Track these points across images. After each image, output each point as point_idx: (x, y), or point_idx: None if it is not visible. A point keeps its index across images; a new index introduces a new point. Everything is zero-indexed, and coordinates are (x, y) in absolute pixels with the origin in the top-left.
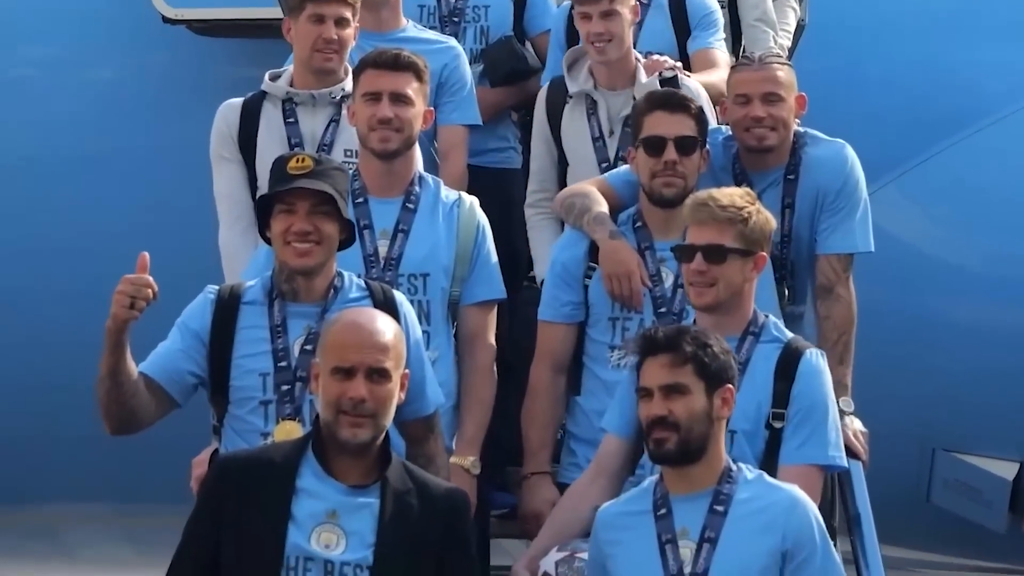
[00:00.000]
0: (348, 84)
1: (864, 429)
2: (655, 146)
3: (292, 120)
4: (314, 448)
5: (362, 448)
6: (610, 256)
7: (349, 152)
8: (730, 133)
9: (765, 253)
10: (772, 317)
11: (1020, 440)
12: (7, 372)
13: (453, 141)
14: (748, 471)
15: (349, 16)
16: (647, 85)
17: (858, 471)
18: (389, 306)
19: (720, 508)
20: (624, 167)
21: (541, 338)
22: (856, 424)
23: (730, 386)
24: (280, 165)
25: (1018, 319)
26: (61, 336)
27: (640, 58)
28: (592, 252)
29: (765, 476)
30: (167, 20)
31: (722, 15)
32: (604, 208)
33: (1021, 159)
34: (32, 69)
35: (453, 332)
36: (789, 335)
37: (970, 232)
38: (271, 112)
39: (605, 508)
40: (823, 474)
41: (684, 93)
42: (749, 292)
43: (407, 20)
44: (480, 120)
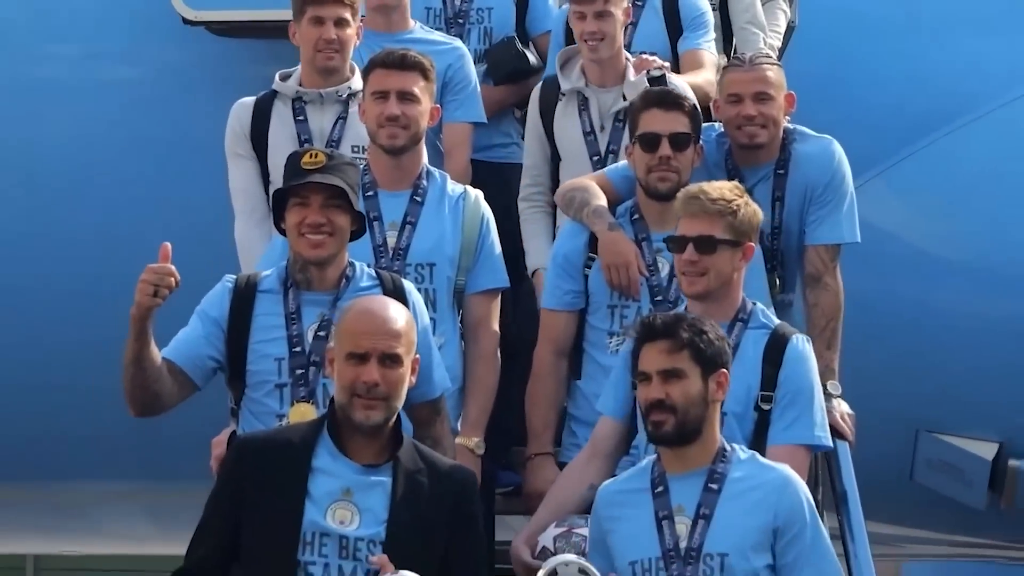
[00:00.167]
0: (354, 82)
1: (850, 411)
2: (650, 142)
3: (302, 118)
4: (329, 429)
5: (375, 429)
6: (609, 247)
7: (356, 148)
8: (723, 130)
9: (753, 244)
10: (760, 304)
11: (999, 422)
12: (38, 360)
13: (457, 138)
14: (741, 451)
15: (348, 17)
16: (635, 83)
17: (845, 451)
18: (398, 294)
19: (714, 486)
20: (622, 163)
21: (543, 325)
22: (843, 407)
23: (725, 371)
24: (294, 160)
25: (999, 306)
26: (91, 324)
27: (630, 57)
28: (592, 243)
29: (758, 456)
30: (187, 22)
31: (713, 17)
32: (603, 201)
33: (1001, 153)
34: (58, 68)
35: (459, 319)
36: (776, 322)
37: (952, 223)
38: (282, 110)
39: (605, 486)
40: (809, 453)
41: (678, 92)
42: (738, 281)
43: (415, 22)
44: (484, 118)
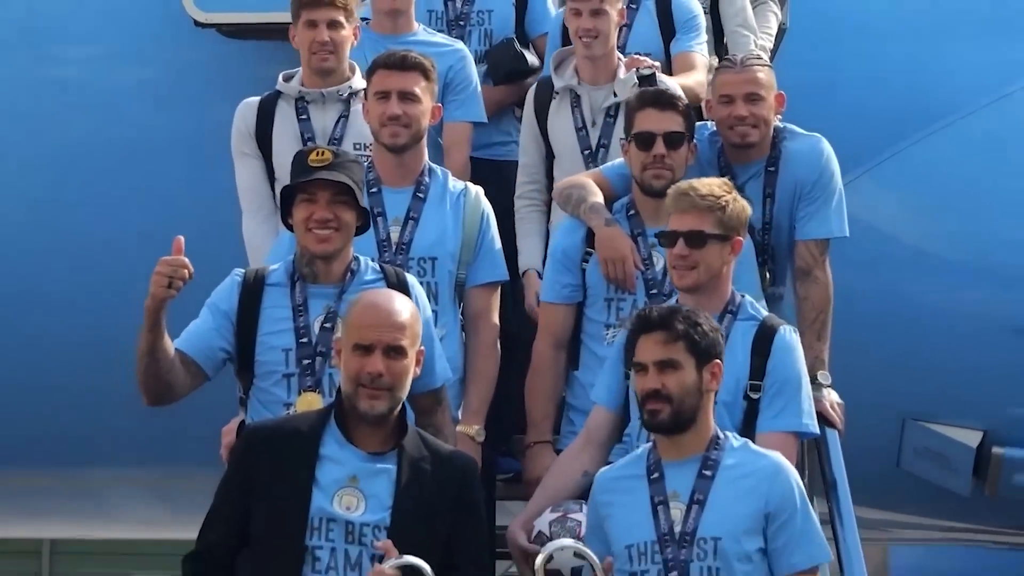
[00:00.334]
0: (355, 82)
1: (840, 400)
2: (645, 141)
3: (304, 117)
4: (336, 418)
5: (380, 418)
6: (605, 242)
7: (358, 145)
8: (715, 129)
9: (742, 238)
10: (748, 297)
11: (983, 411)
12: (59, 344)
13: (458, 136)
14: (734, 439)
15: (341, 19)
16: (625, 80)
17: (834, 439)
18: (402, 287)
19: (708, 473)
20: (618, 160)
21: (543, 317)
22: (832, 396)
23: (718, 361)
24: (301, 158)
25: (981, 298)
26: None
27: (622, 57)
28: (589, 238)
29: (750, 444)
30: (198, 24)
31: (705, 20)
32: (599, 198)
33: (982, 152)
34: (76, 68)
35: (459, 312)
36: (764, 313)
37: (937, 218)
38: (285, 110)
39: (602, 473)
40: (797, 441)
41: (673, 92)
42: (727, 274)
43: (419, 24)
44: (485, 118)
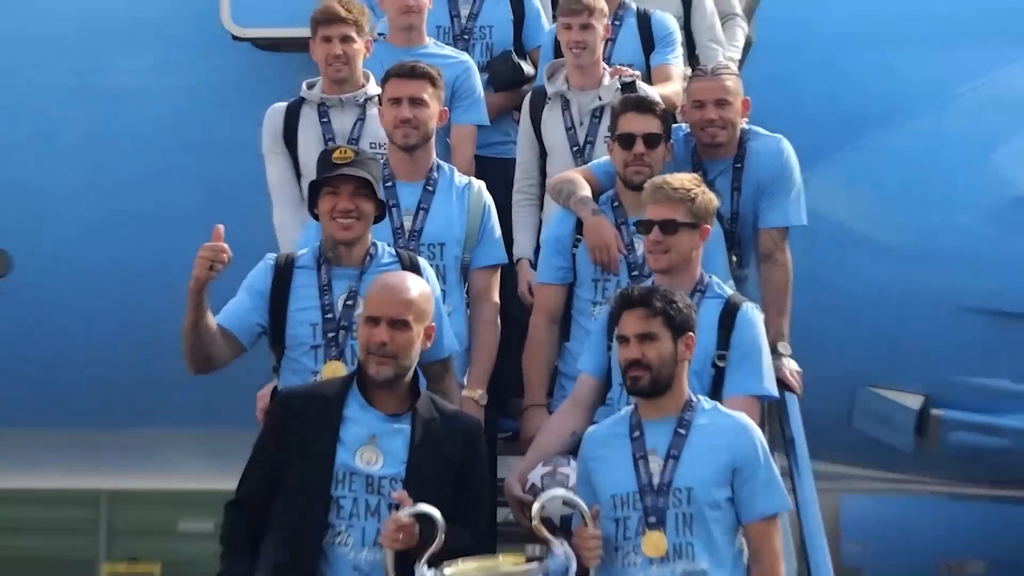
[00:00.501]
0: (370, 88)
1: (798, 368)
2: (627, 141)
3: (326, 120)
4: (358, 384)
5: (388, 383)
6: (592, 230)
7: (374, 144)
8: (689, 131)
9: (709, 226)
10: (716, 277)
11: (924, 378)
12: (118, 319)
13: (463, 137)
14: (705, 402)
15: (353, 35)
16: (609, 86)
17: (793, 402)
18: (414, 269)
19: (683, 431)
20: (604, 159)
21: (538, 296)
22: (791, 364)
23: (691, 334)
24: (326, 156)
25: (925, 280)
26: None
27: (606, 67)
28: (578, 227)
29: (719, 406)
30: (235, 38)
31: (680, 35)
32: (587, 192)
33: (927, 149)
34: (130, 77)
35: (465, 291)
36: (729, 292)
37: (887, 208)
38: (309, 114)
39: (590, 432)
40: (760, 403)
41: (651, 98)
42: (697, 257)
43: (430, 39)
44: (488, 121)
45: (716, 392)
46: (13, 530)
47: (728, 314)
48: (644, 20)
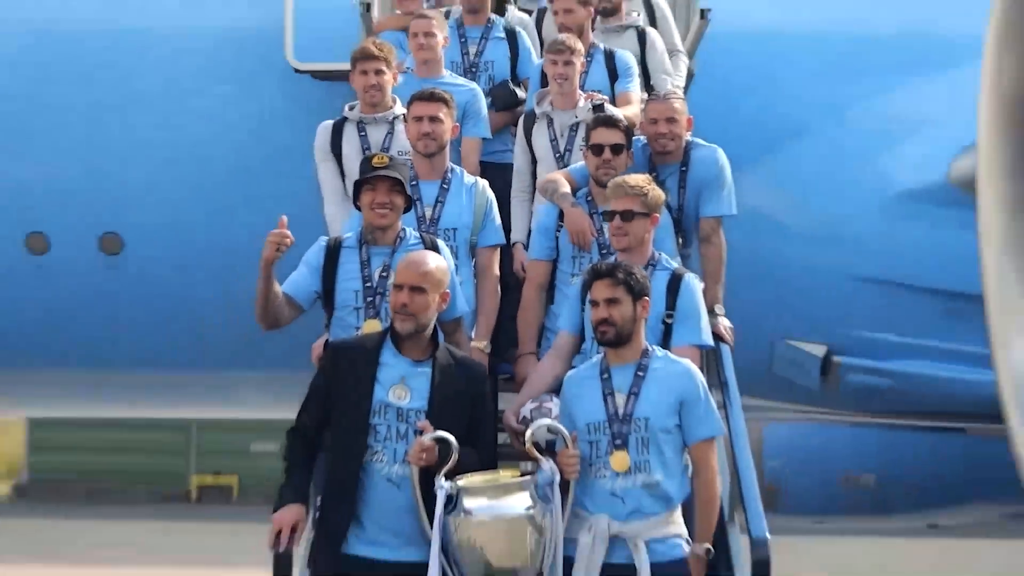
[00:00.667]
0: (397, 109)
1: (730, 325)
2: (598, 150)
3: (363, 134)
4: (391, 337)
5: (410, 335)
6: (571, 219)
7: (401, 152)
8: (646, 142)
9: (659, 215)
10: (665, 255)
11: (826, 332)
12: (206, 289)
13: (471, 147)
14: (658, 351)
15: (384, 68)
16: (583, 108)
17: (726, 351)
18: (434, 249)
19: (641, 374)
20: (580, 163)
21: (529, 269)
22: (725, 322)
23: (647, 298)
24: (367, 161)
25: (826, 256)
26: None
27: (581, 92)
28: (560, 216)
29: (669, 354)
30: (297, 71)
31: (637, 68)
32: (567, 189)
33: (828, 157)
34: (212, 101)
35: (472, 265)
36: (675, 265)
37: (796, 200)
38: (350, 129)
39: (569, 375)
40: (700, 351)
41: (616, 116)
42: (649, 239)
43: (446, 71)
44: (490, 134)
45: (666, 343)
46: (124, 450)
47: (674, 282)
48: (610, 57)
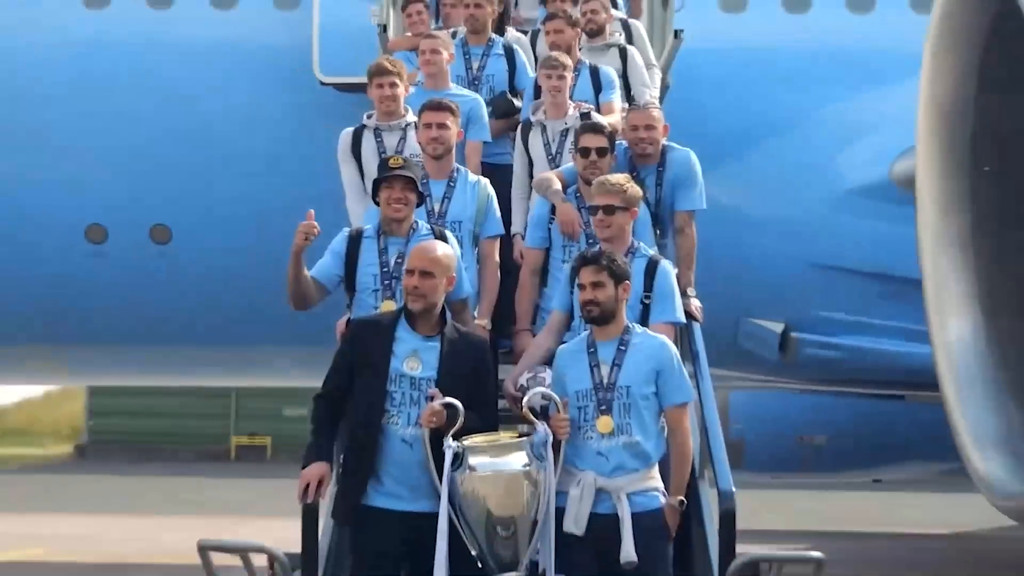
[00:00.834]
0: (409, 117)
1: (700, 305)
2: (585, 152)
3: (379, 139)
4: (405, 315)
5: (421, 313)
6: (562, 212)
7: (412, 155)
8: (627, 145)
9: (637, 209)
10: (643, 244)
11: (785, 311)
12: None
13: (473, 150)
14: (638, 328)
15: (397, 81)
16: (572, 116)
17: (697, 328)
18: (442, 239)
19: (623, 348)
20: (570, 164)
21: (526, 257)
22: (696, 302)
23: (627, 282)
24: (384, 163)
25: (783, 245)
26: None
27: (571, 102)
28: (553, 210)
29: (647, 331)
30: (322, 84)
31: (619, 81)
32: (559, 186)
33: (784, 158)
34: (246, 110)
35: (475, 253)
36: (651, 252)
37: (758, 197)
38: (368, 135)
39: (560, 349)
40: (674, 328)
41: (601, 123)
42: (629, 230)
43: (452, 83)
44: (490, 138)
45: (644, 321)
46: (172, 415)
47: (651, 268)
48: (594, 72)
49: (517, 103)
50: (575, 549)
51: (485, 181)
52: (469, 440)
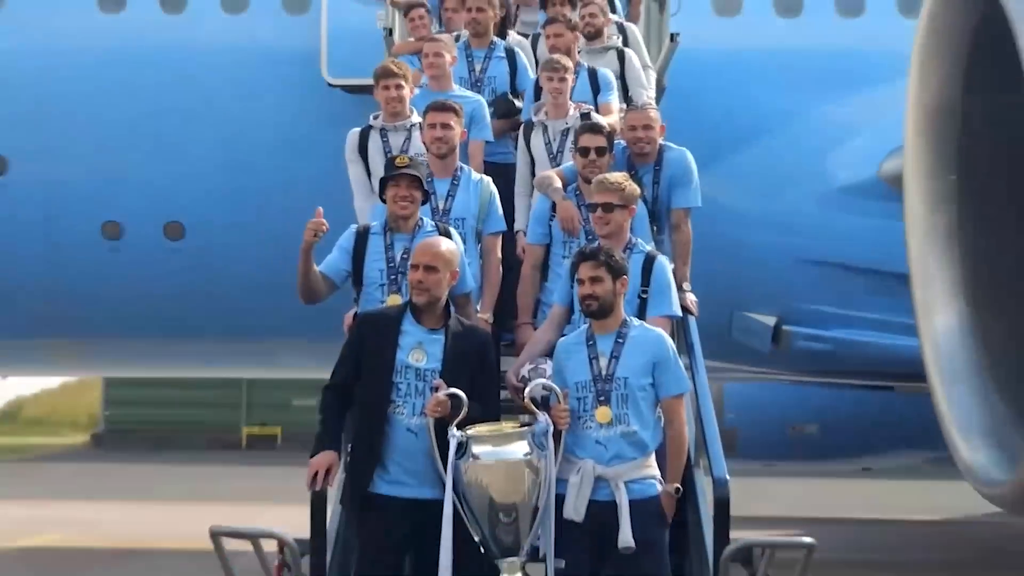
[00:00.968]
0: (414, 118)
1: (695, 299)
2: (584, 152)
3: (385, 139)
4: (410, 309)
5: (425, 307)
6: (562, 209)
7: (418, 154)
8: (625, 145)
9: (635, 207)
10: (641, 240)
11: (777, 305)
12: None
13: (476, 149)
14: (635, 321)
15: (403, 83)
16: (573, 117)
17: (692, 321)
18: (446, 235)
19: (621, 340)
20: (570, 163)
21: (528, 253)
22: (692, 296)
23: (625, 277)
24: (391, 161)
25: (776, 241)
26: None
27: (571, 104)
28: (553, 207)
29: (644, 324)
30: (330, 85)
31: (617, 83)
32: (560, 184)
33: (776, 156)
34: (259, 112)
35: (478, 249)
36: (648, 248)
37: (750, 195)
38: (375, 135)
39: (560, 341)
40: (670, 321)
41: (600, 124)
42: (627, 227)
43: (455, 85)
44: (492, 138)
45: (642, 314)
46: (185, 404)
47: (648, 263)
48: (592, 74)
49: (518, 104)
50: (574, 535)
51: (487, 179)
52: (472, 430)
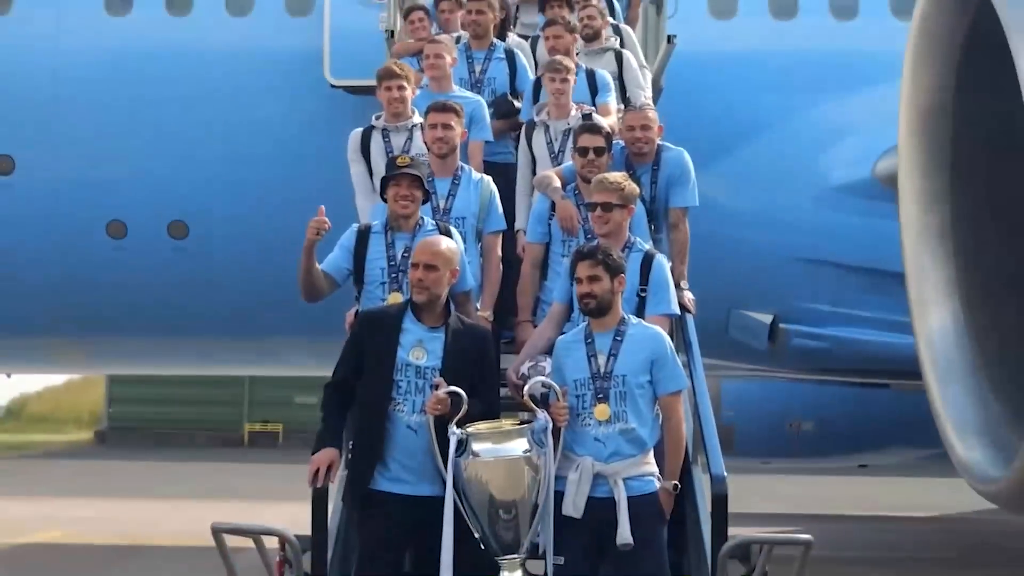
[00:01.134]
0: (415, 119)
1: (693, 297)
2: (583, 152)
3: (387, 139)
4: (411, 307)
5: (425, 305)
6: (562, 209)
7: (419, 154)
8: (624, 144)
9: (634, 206)
10: (639, 238)
11: (774, 303)
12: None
13: (476, 149)
14: (633, 319)
15: (405, 84)
16: (574, 117)
17: (690, 319)
18: (446, 234)
19: (619, 338)
20: (570, 163)
21: (527, 251)
22: (689, 295)
23: (623, 275)
24: (392, 161)
25: (771, 240)
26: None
27: (572, 104)
28: (553, 206)
29: (643, 322)
30: (333, 86)
31: (615, 84)
32: (559, 184)
33: (770, 156)
34: (263, 111)
35: (479, 248)
36: (647, 247)
37: (747, 195)
38: (376, 135)
39: (559, 339)
40: (668, 319)
41: (600, 124)
42: (626, 226)
43: (456, 86)
44: (492, 138)
45: (640, 312)
46: (188, 402)
47: (646, 262)
48: (590, 75)
49: (517, 104)
50: (573, 531)
51: (488, 179)
52: (472, 427)
